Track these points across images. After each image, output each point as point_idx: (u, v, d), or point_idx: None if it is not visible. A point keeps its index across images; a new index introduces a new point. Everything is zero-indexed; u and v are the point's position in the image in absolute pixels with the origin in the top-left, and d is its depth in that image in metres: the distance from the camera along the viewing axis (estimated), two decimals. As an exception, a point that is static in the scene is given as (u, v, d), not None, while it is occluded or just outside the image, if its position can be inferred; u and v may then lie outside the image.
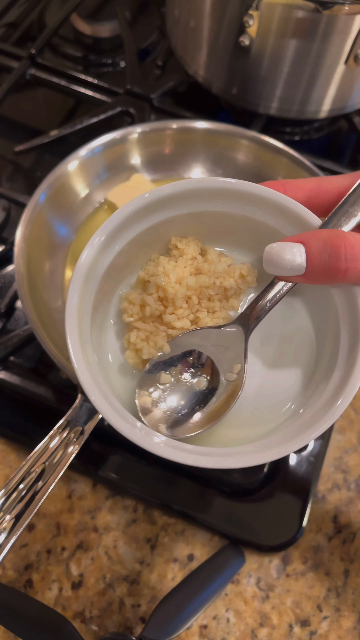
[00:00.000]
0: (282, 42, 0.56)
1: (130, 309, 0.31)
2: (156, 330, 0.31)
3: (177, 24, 0.65)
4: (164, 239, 0.32)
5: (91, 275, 0.29)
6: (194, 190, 0.30)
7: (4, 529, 0.37)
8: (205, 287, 0.31)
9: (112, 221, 0.29)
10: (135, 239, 0.30)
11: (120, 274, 0.32)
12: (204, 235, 0.33)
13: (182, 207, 0.31)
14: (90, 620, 0.46)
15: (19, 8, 0.80)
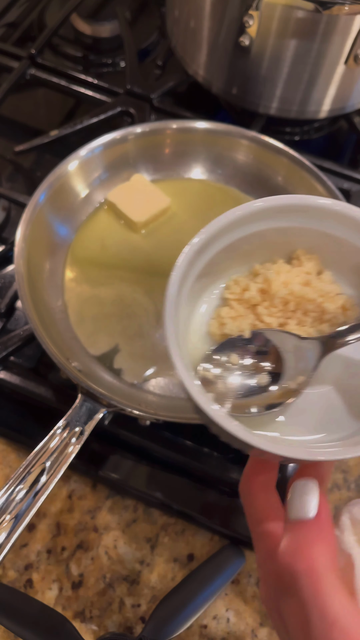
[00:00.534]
0: (282, 42, 0.56)
1: (233, 287, 0.33)
2: (246, 314, 0.33)
3: (177, 24, 0.65)
4: (291, 246, 0.34)
5: (205, 248, 0.32)
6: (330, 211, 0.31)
7: (4, 528, 0.37)
8: (306, 299, 0.32)
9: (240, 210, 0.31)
10: (260, 233, 0.32)
11: (241, 259, 0.34)
12: (326, 259, 0.34)
13: (313, 221, 0.32)
14: (90, 620, 0.46)
15: (19, 8, 0.80)
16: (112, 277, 0.55)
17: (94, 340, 0.52)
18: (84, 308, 0.53)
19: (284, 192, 0.59)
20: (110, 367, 0.50)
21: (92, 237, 0.57)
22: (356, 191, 0.62)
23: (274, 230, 0.32)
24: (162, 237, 0.58)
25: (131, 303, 0.54)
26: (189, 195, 0.60)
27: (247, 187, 0.61)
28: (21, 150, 0.63)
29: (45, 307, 0.51)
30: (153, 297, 0.54)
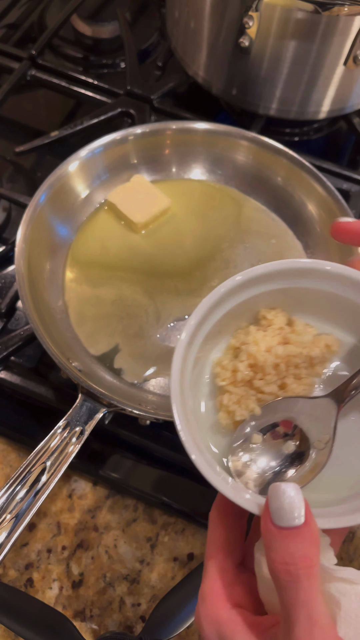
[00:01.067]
0: (281, 43, 0.56)
1: (222, 374, 0.33)
2: (247, 394, 0.33)
3: (177, 25, 0.65)
4: (253, 310, 0.35)
5: (192, 341, 0.32)
6: (284, 270, 0.33)
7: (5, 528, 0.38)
8: (292, 356, 0.33)
9: (211, 298, 0.32)
10: (228, 312, 0.33)
11: (213, 341, 0.34)
12: (289, 307, 0.35)
13: (272, 284, 0.34)
14: (91, 619, 0.47)
15: (19, 9, 0.80)
16: (113, 277, 0.55)
17: (94, 340, 0.52)
18: (84, 308, 0.53)
19: (284, 193, 0.60)
20: (111, 367, 0.51)
21: (92, 237, 0.57)
22: (355, 192, 0.62)
23: (240, 304, 0.33)
24: (162, 237, 0.58)
25: (131, 303, 0.54)
26: (189, 196, 0.61)
27: (247, 187, 0.61)
28: (22, 151, 0.63)
29: (45, 307, 0.51)
30: (153, 297, 0.54)
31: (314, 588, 0.24)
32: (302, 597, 0.24)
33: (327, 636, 0.24)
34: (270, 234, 0.59)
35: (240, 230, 0.58)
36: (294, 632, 0.24)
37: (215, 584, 0.28)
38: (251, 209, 0.60)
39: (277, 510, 0.25)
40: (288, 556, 0.24)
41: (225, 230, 0.58)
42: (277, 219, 0.60)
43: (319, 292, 0.34)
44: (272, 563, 0.25)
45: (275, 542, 0.24)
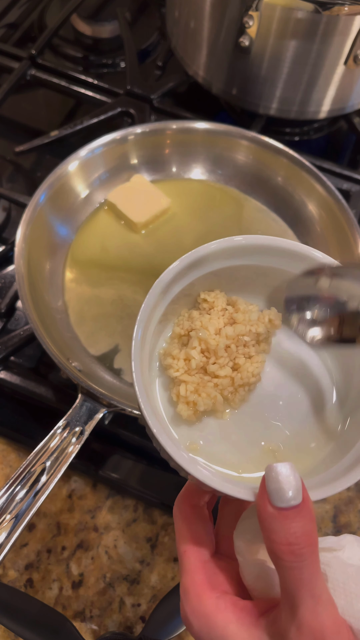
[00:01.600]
0: (282, 42, 0.56)
1: (175, 364, 0.32)
2: (202, 381, 0.32)
3: (177, 25, 0.65)
4: (191, 297, 0.34)
5: (145, 336, 0.32)
6: (213, 252, 0.32)
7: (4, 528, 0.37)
8: (241, 335, 0.32)
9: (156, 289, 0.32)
10: (171, 301, 0.33)
11: (157, 332, 0.34)
12: (224, 288, 0.35)
13: (204, 268, 0.33)
14: (91, 620, 0.46)
15: (19, 9, 0.80)
16: (113, 277, 0.55)
17: (94, 340, 0.52)
18: (84, 308, 0.53)
19: (284, 193, 0.60)
20: (111, 367, 0.50)
21: (92, 237, 0.57)
22: (356, 191, 0.62)
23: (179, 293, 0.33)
24: (162, 237, 0.58)
25: (131, 303, 0.54)
26: (189, 196, 0.61)
27: (247, 187, 0.61)
28: (21, 150, 0.63)
29: (45, 307, 0.51)
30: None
31: (316, 565, 0.24)
32: (305, 576, 0.24)
33: (330, 613, 0.24)
34: (270, 234, 0.58)
35: (241, 230, 0.58)
36: (299, 612, 0.24)
37: (195, 577, 0.28)
38: (251, 209, 0.60)
39: (276, 492, 0.24)
40: (291, 536, 0.24)
41: (226, 230, 0.58)
42: (277, 218, 0.60)
43: (246, 268, 0.33)
44: (275, 545, 0.24)
45: (277, 523, 0.24)
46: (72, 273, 0.55)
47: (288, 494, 0.24)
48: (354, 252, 0.53)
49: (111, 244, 0.57)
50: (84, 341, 0.52)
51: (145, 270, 0.56)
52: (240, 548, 0.28)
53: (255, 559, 0.28)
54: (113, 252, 0.57)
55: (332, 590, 0.26)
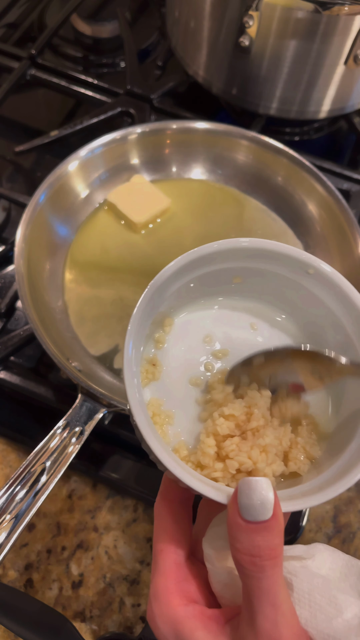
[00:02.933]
0: (282, 42, 0.56)
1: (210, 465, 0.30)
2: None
3: (177, 25, 0.65)
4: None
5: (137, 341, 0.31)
6: (217, 252, 0.32)
7: (4, 528, 0.37)
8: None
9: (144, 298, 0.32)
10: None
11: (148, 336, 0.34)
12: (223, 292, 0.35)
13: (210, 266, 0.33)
14: (91, 620, 0.46)
15: (19, 8, 0.80)
16: (112, 277, 0.55)
17: (94, 340, 0.52)
18: (84, 308, 0.53)
19: (284, 192, 0.60)
20: (111, 367, 0.50)
21: (92, 237, 0.57)
22: (356, 191, 0.62)
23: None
24: (162, 237, 0.58)
25: (131, 304, 0.54)
26: (189, 196, 0.60)
27: (247, 187, 0.61)
28: (21, 150, 0.63)
29: (45, 307, 0.51)
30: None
31: (277, 576, 0.24)
32: (265, 585, 0.24)
33: (289, 623, 0.25)
34: (270, 234, 0.59)
35: (241, 230, 0.58)
36: (257, 620, 0.24)
37: (167, 581, 0.28)
38: (251, 209, 0.60)
39: (247, 507, 0.24)
40: (254, 548, 0.24)
41: (226, 230, 0.58)
42: (277, 218, 0.60)
43: (255, 270, 0.33)
44: (237, 553, 0.24)
45: (242, 534, 0.24)
46: (72, 273, 0.55)
47: (258, 510, 0.24)
48: (354, 252, 0.53)
49: (111, 244, 0.57)
50: (83, 341, 0.52)
51: (145, 270, 0.56)
52: (209, 555, 0.28)
53: (223, 566, 0.28)
54: (113, 252, 0.57)
55: (297, 601, 0.26)
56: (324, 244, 0.57)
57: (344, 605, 0.26)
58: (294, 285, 0.32)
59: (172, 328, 0.34)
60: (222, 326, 0.34)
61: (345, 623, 0.25)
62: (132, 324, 0.30)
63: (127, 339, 0.29)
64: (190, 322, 0.35)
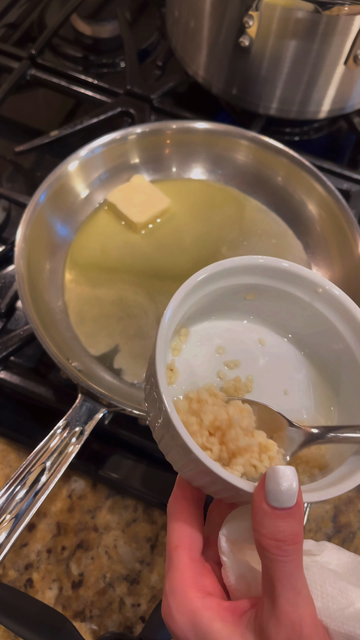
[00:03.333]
0: (282, 42, 0.56)
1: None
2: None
3: (177, 25, 0.65)
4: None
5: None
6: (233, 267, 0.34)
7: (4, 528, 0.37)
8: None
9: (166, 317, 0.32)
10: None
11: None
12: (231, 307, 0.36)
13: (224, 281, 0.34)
14: (91, 620, 0.46)
15: (19, 8, 0.80)
16: (112, 277, 0.55)
17: (94, 340, 0.52)
18: (84, 308, 0.53)
19: (284, 192, 0.60)
20: (111, 367, 0.50)
21: (92, 237, 0.57)
22: (355, 191, 0.62)
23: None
24: (162, 237, 0.58)
25: (131, 304, 0.54)
26: (189, 196, 0.61)
27: (247, 187, 0.61)
28: (21, 150, 0.63)
29: (45, 307, 0.51)
30: (153, 297, 0.54)
31: (299, 562, 0.26)
32: (288, 569, 0.25)
33: (310, 609, 0.26)
34: (270, 234, 0.59)
35: (241, 230, 0.58)
36: (279, 604, 0.25)
37: (184, 575, 0.29)
38: (251, 209, 0.60)
39: (274, 493, 0.25)
40: (279, 533, 0.25)
41: (226, 230, 0.58)
42: (277, 218, 0.60)
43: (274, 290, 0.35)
44: (262, 537, 0.25)
45: (268, 520, 0.25)
46: (72, 273, 0.55)
47: (284, 496, 0.25)
48: (354, 252, 0.53)
49: (111, 244, 0.57)
50: (84, 341, 0.52)
51: (145, 270, 0.56)
52: (225, 548, 0.29)
53: (239, 559, 0.29)
54: (113, 253, 0.57)
55: (310, 593, 0.27)
56: (323, 244, 0.57)
57: (354, 597, 0.27)
58: (303, 303, 0.34)
59: (188, 338, 0.36)
60: (234, 339, 0.36)
61: (357, 612, 0.27)
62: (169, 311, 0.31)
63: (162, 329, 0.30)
64: (205, 333, 0.36)
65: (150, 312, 0.53)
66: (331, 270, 0.56)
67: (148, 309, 0.53)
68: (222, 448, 0.30)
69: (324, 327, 0.34)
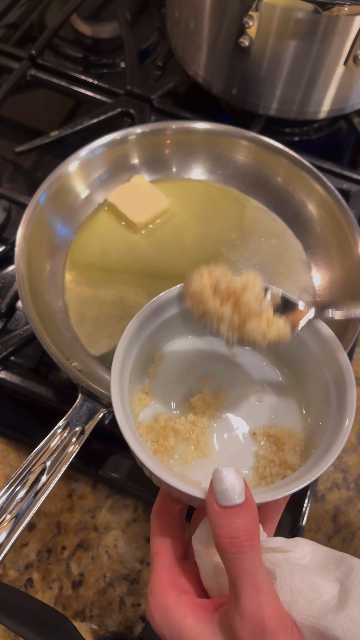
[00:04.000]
0: (281, 43, 0.56)
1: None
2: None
3: (177, 25, 0.65)
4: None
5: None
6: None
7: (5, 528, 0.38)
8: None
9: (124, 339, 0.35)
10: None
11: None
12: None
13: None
14: (91, 619, 0.47)
15: (19, 9, 0.80)
16: (113, 278, 0.55)
17: (94, 340, 0.52)
18: (84, 308, 0.53)
19: (284, 193, 0.60)
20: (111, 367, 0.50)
21: (92, 238, 0.57)
22: (355, 191, 0.62)
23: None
24: (162, 237, 0.58)
25: (132, 304, 0.54)
26: (189, 196, 0.61)
27: (247, 187, 0.61)
28: (22, 150, 0.63)
29: (45, 307, 0.51)
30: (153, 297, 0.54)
31: (257, 558, 0.27)
32: (246, 566, 0.26)
33: (271, 603, 0.27)
34: (270, 234, 0.59)
35: (242, 230, 0.58)
36: (241, 602, 0.26)
37: (162, 576, 0.31)
38: (251, 209, 0.60)
39: (221, 492, 0.27)
40: (233, 531, 0.27)
41: (226, 230, 0.58)
42: (277, 218, 0.60)
43: None
44: (219, 538, 0.27)
45: (221, 520, 0.27)
46: (72, 273, 0.55)
47: (231, 494, 0.27)
48: (354, 252, 0.53)
49: (111, 244, 0.57)
50: (84, 341, 0.52)
51: (145, 271, 0.56)
52: (198, 551, 0.31)
53: (210, 561, 0.30)
54: (113, 253, 0.57)
55: (280, 588, 0.29)
56: (323, 244, 0.57)
57: (322, 589, 0.28)
58: None
59: (162, 361, 0.38)
60: (205, 355, 0.39)
61: (323, 604, 0.28)
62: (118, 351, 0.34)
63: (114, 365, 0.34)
64: (178, 354, 0.39)
65: (150, 312, 0.53)
66: (331, 270, 0.56)
67: (148, 309, 0.53)
68: (234, 314, 0.33)
69: (304, 350, 0.36)
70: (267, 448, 0.35)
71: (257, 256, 0.57)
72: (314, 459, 0.32)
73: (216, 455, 0.35)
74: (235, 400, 0.37)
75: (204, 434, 0.35)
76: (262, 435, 0.35)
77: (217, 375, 0.38)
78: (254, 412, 0.36)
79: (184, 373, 0.38)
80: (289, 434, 0.35)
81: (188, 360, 0.38)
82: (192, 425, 0.35)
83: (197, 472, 0.34)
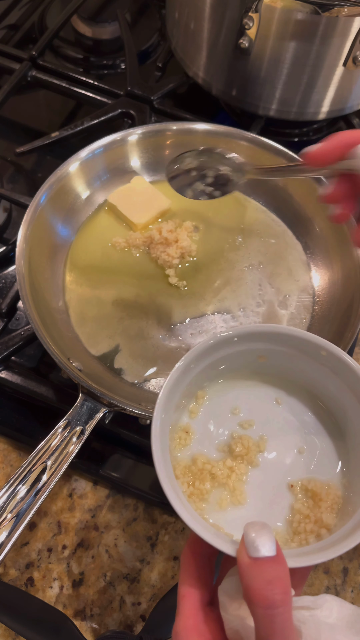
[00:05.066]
0: (281, 44, 0.56)
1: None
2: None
3: (177, 26, 0.65)
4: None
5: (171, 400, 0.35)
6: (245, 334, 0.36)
7: (5, 527, 0.38)
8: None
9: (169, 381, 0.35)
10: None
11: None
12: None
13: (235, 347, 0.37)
14: (91, 618, 0.47)
15: (20, 10, 0.81)
16: (113, 278, 0.55)
17: (94, 340, 0.52)
18: (85, 309, 0.54)
19: (284, 193, 0.60)
20: (111, 367, 0.51)
21: (92, 239, 0.58)
22: (355, 192, 0.62)
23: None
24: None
25: (132, 304, 0.54)
26: (189, 197, 0.61)
27: (247, 188, 0.61)
28: (22, 151, 0.63)
29: (46, 308, 0.51)
30: (154, 298, 0.54)
31: (288, 615, 0.26)
32: (278, 624, 0.26)
33: None
34: (270, 234, 0.59)
35: (242, 230, 0.59)
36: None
37: (188, 621, 0.30)
38: (251, 210, 0.60)
39: (252, 544, 0.27)
40: (265, 582, 0.26)
41: (226, 231, 0.58)
42: (277, 219, 0.60)
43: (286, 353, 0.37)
44: (250, 591, 0.26)
45: (253, 571, 0.27)
46: (73, 274, 0.55)
47: (262, 546, 0.27)
48: (353, 253, 0.53)
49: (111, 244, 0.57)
50: (84, 341, 0.52)
51: (145, 271, 0.56)
52: (223, 603, 0.30)
53: (235, 614, 0.30)
54: (113, 254, 0.57)
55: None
56: (323, 244, 0.57)
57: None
58: (311, 363, 0.36)
59: (204, 400, 0.38)
60: (249, 399, 0.38)
61: None
62: (161, 396, 0.34)
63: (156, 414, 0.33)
64: (221, 394, 0.38)
65: (150, 312, 0.53)
66: (330, 271, 0.56)
67: (148, 309, 0.53)
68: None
69: (334, 385, 0.36)
70: (303, 502, 0.34)
71: (257, 256, 0.57)
72: (352, 522, 0.31)
73: (251, 504, 0.35)
74: (275, 448, 0.36)
75: (241, 481, 0.35)
76: (299, 488, 0.35)
77: (258, 421, 0.37)
78: (293, 463, 0.36)
79: (226, 415, 0.38)
80: (327, 490, 0.34)
81: (231, 402, 0.38)
82: (229, 471, 0.35)
83: (230, 519, 0.34)
